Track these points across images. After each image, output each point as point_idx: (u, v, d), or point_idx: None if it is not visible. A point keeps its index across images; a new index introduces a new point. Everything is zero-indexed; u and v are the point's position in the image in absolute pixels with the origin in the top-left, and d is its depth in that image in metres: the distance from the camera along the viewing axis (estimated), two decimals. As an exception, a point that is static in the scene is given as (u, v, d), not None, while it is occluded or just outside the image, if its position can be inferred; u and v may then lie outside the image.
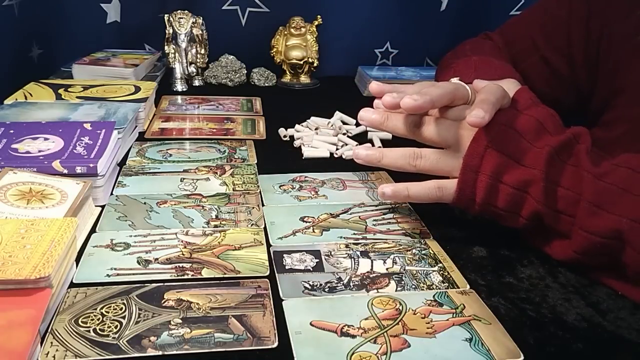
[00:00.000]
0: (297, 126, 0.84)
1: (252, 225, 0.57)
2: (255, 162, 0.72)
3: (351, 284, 0.48)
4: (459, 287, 0.48)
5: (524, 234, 0.54)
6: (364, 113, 0.56)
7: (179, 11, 1.01)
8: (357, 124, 0.85)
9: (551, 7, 0.74)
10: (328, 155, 0.76)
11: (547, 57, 0.73)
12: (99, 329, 0.41)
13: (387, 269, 0.50)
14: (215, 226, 0.56)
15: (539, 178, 0.48)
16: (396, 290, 0.47)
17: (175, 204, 0.60)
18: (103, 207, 0.59)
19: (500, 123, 0.50)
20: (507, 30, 0.82)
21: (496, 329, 0.43)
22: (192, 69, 1.03)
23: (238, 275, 0.48)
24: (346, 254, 0.52)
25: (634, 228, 0.45)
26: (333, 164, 0.74)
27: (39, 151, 0.60)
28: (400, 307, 0.45)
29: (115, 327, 0.41)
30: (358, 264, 0.51)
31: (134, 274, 0.48)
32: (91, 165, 0.58)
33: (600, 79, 0.68)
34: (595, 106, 0.69)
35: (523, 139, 0.50)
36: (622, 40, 0.64)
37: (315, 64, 1.10)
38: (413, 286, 0.48)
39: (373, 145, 0.78)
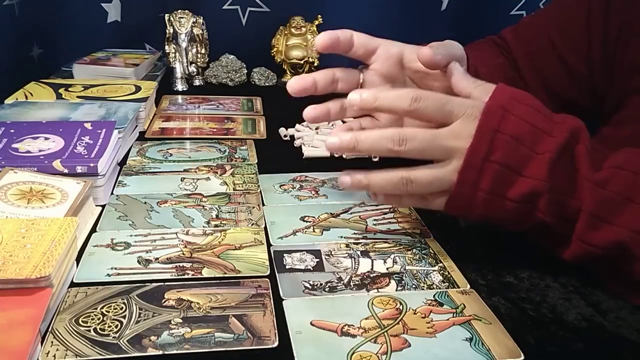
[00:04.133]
0: (297, 126, 0.84)
1: (252, 224, 0.57)
2: (256, 161, 0.72)
3: (351, 283, 0.48)
4: (459, 287, 0.48)
5: (530, 234, 0.53)
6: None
7: (180, 11, 1.01)
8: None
9: (569, 5, 0.73)
10: (328, 154, 0.76)
11: (565, 56, 0.71)
12: (100, 329, 0.41)
13: (387, 268, 0.50)
14: (216, 226, 0.56)
15: (544, 190, 0.45)
16: (396, 290, 0.47)
17: (175, 204, 0.60)
18: (103, 206, 0.59)
19: (494, 130, 0.46)
20: (522, 29, 0.80)
21: (496, 329, 0.43)
22: (192, 68, 1.03)
23: (238, 275, 0.48)
24: (346, 253, 0.52)
25: (636, 240, 0.44)
26: (333, 163, 0.74)
27: (40, 151, 0.60)
28: (401, 307, 0.45)
29: (116, 326, 0.41)
30: (358, 264, 0.51)
31: (134, 274, 0.48)
32: (92, 164, 0.58)
33: (616, 79, 0.67)
34: (609, 106, 0.68)
35: (521, 146, 0.46)
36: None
37: (315, 64, 1.10)
38: (413, 286, 0.48)
39: None
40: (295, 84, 0.55)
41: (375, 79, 0.57)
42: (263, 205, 0.61)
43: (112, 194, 0.61)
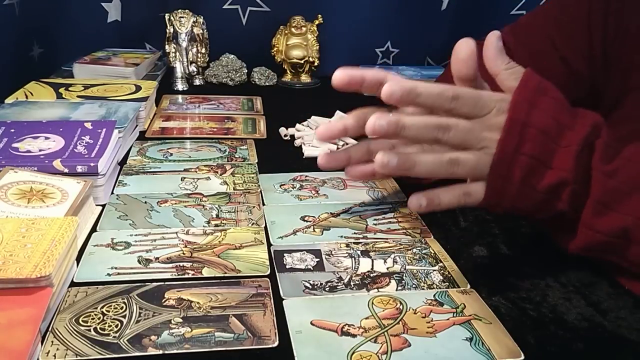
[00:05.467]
0: (297, 125, 0.84)
1: (252, 224, 0.57)
2: (256, 161, 0.72)
3: (352, 283, 0.48)
4: (459, 287, 0.48)
5: (541, 223, 0.54)
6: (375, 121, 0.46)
7: (180, 10, 1.02)
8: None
9: (570, 4, 0.72)
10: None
11: (567, 57, 0.71)
12: (100, 328, 0.41)
13: (387, 268, 0.50)
14: (216, 225, 0.56)
15: (570, 181, 0.47)
16: (397, 290, 0.47)
17: (175, 203, 0.60)
18: (104, 206, 0.59)
19: (522, 123, 0.47)
20: (521, 30, 0.79)
21: (497, 329, 0.43)
22: (192, 68, 1.03)
23: (238, 275, 0.48)
24: (347, 253, 0.52)
25: (638, 225, 0.45)
26: (334, 163, 0.74)
27: (40, 150, 0.60)
28: (401, 307, 0.45)
29: (116, 326, 0.41)
30: (358, 264, 0.51)
31: (134, 273, 0.48)
32: (92, 164, 0.58)
33: (613, 78, 0.67)
34: (607, 105, 0.68)
35: (548, 139, 0.47)
36: (638, 38, 0.64)
37: (315, 63, 1.10)
38: (413, 285, 0.48)
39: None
40: (342, 74, 0.50)
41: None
42: (263, 204, 0.61)
43: (112, 193, 0.61)
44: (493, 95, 0.50)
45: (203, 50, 1.04)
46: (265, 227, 0.56)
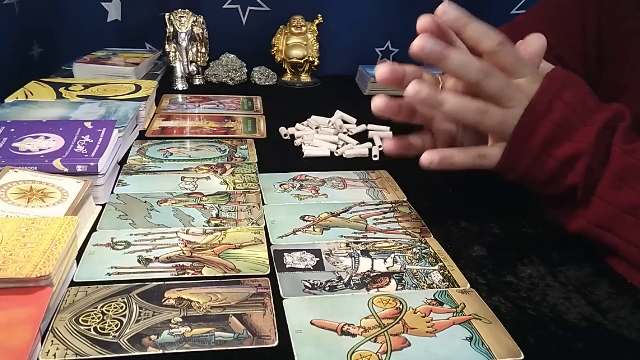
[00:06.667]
0: (297, 125, 0.84)
1: (252, 224, 0.57)
2: (256, 161, 0.72)
3: (352, 283, 0.48)
4: (459, 287, 0.48)
5: (545, 201, 0.54)
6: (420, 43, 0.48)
7: (180, 10, 1.02)
8: (358, 123, 0.85)
9: (564, 4, 0.73)
10: (329, 154, 0.76)
11: (562, 56, 0.72)
12: (100, 328, 0.41)
13: (387, 268, 0.50)
14: (216, 225, 0.56)
15: (588, 153, 0.48)
16: (397, 290, 0.47)
17: (176, 203, 0.60)
18: (104, 206, 0.59)
19: (553, 94, 0.49)
20: (516, 30, 0.80)
21: (497, 328, 0.43)
22: (192, 68, 1.03)
23: (239, 274, 0.48)
24: (347, 253, 0.52)
25: None
26: (334, 163, 0.74)
27: (40, 150, 0.60)
28: (401, 307, 0.45)
29: (116, 325, 0.41)
30: (359, 263, 0.51)
31: (134, 273, 0.48)
32: (92, 164, 0.58)
33: (605, 76, 0.67)
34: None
35: (574, 115, 0.49)
36: (631, 37, 0.64)
37: (316, 63, 1.10)
38: (414, 285, 0.48)
39: (374, 144, 0.78)
40: (385, 71, 0.51)
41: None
42: (263, 204, 0.61)
43: (112, 193, 0.61)
44: (532, 65, 0.51)
45: (203, 50, 1.04)
46: (265, 227, 0.56)
